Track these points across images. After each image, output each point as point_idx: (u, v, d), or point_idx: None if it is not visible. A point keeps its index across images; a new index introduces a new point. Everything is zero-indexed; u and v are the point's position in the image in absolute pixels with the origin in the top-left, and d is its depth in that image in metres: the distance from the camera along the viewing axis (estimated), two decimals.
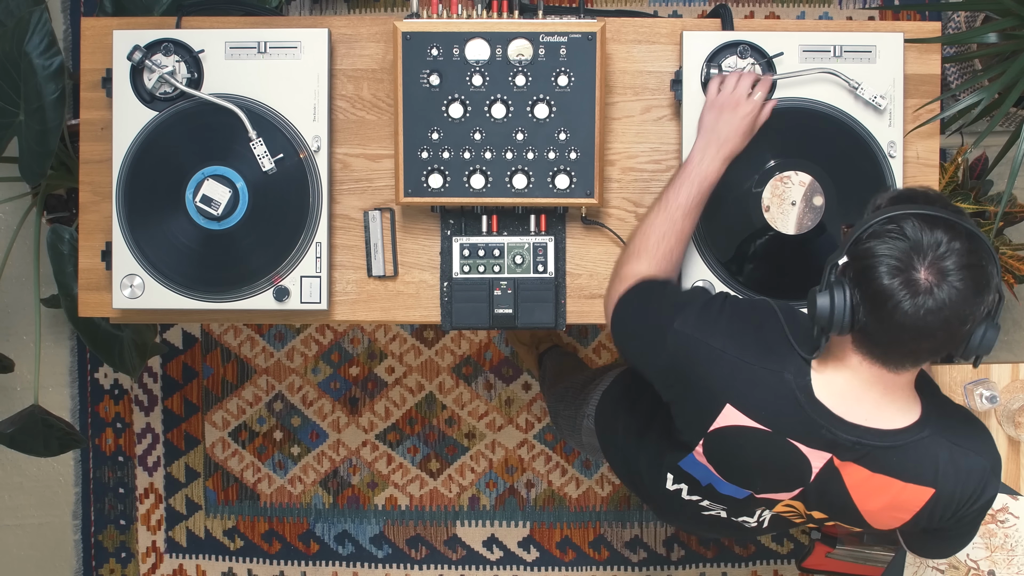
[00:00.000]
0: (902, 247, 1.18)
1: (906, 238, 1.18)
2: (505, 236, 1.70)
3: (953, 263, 1.16)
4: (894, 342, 1.22)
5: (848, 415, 1.29)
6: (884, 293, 1.17)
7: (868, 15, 2.59)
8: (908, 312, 1.16)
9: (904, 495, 1.33)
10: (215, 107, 1.66)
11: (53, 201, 2.43)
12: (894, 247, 1.18)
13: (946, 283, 1.16)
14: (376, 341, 2.66)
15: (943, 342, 1.20)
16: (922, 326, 1.17)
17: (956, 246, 1.17)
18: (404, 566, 2.68)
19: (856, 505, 1.36)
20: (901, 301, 1.16)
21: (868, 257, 1.20)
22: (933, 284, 1.16)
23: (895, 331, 1.19)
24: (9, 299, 2.65)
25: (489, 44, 1.62)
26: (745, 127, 1.57)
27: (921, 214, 1.19)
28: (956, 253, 1.17)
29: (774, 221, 1.63)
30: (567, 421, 2.00)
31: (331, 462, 2.68)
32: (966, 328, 1.20)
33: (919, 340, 1.20)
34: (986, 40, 2.09)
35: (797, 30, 1.68)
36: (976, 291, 1.18)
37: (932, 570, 1.75)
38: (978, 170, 2.21)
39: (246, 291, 1.69)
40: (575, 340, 2.63)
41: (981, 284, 1.18)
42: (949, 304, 1.16)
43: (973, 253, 1.18)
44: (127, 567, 2.72)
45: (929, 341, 1.20)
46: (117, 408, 2.69)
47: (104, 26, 1.73)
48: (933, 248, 1.17)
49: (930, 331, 1.18)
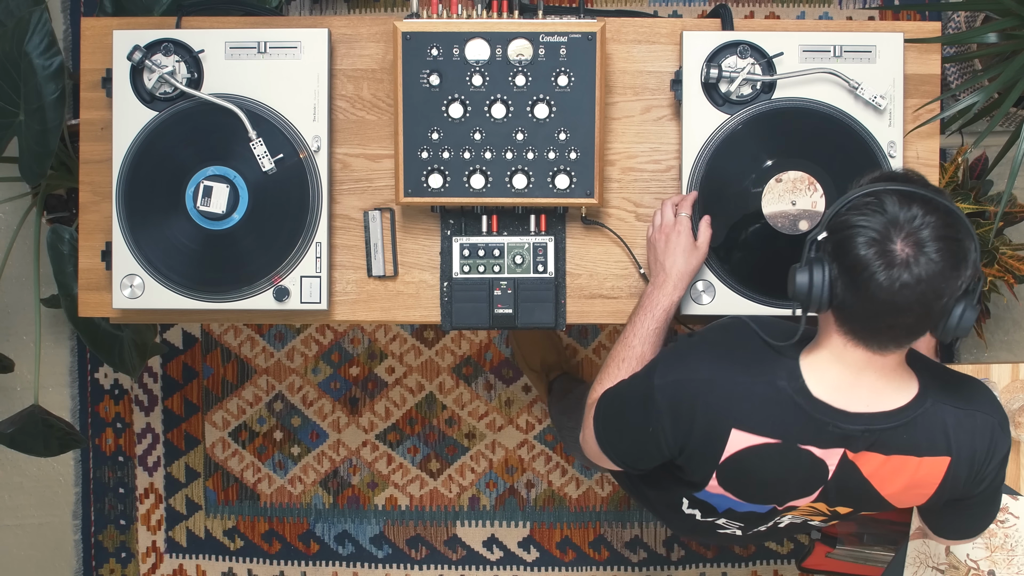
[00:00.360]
0: (880, 220, 1.18)
1: (884, 211, 1.19)
2: (505, 236, 1.70)
3: (928, 235, 1.17)
4: (872, 317, 1.21)
5: (849, 406, 1.29)
6: (860, 264, 1.18)
7: (868, 15, 2.59)
8: (883, 284, 1.17)
9: (922, 470, 1.33)
10: (215, 107, 1.66)
11: (53, 201, 2.43)
12: (872, 219, 1.19)
13: (922, 255, 1.16)
14: (376, 341, 2.66)
15: (920, 317, 1.20)
16: (899, 300, 1.17)
17: (932, 220, 1.18)
18: (404, 566, 2.68)
19: (878, 491, 1.36)
20: (876, 272, 1.17)
21: (846, 228, 1.20)
22: (909, 256, 1.16)
23: (872, 304, 1.19)
24: (9, 299, 2.65)
25: (489, 44, 1.62)
26: (682, 246, 1.58)
27: (900, 190, 1.20)
28: (932, 226, 1.17)
29: (774, 220, 1.62)
30: (570, 433, 2.00)
31: (331, 462, 2.68)
32: (942, 303, 1.20)
33: (896, 315, 1.20)
34: (986, 40, 2.09)
35: (797, 30, 1.68)
36: (952, 265, 1.18)
37: (932, 570, 1.75)
38: (978, 170, 2.21)
39: (246, 291, 1.69)
40: (575, 340, 2.63)
41: (958, 258, 1.18)
42: (925, 277, 1.16)
43: (950, 227, 1.18)
44: (127, 567, 2.72)
45: (906, 316, 1.20)
46: (117, 408, 2.69)
47: (104, 26, 1.73)
48: (909, 221, 1.17)
49: (907, 304, 1.18)
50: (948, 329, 1.23)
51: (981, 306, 1.37)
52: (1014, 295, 2.38)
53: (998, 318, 2.54)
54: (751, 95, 1.67)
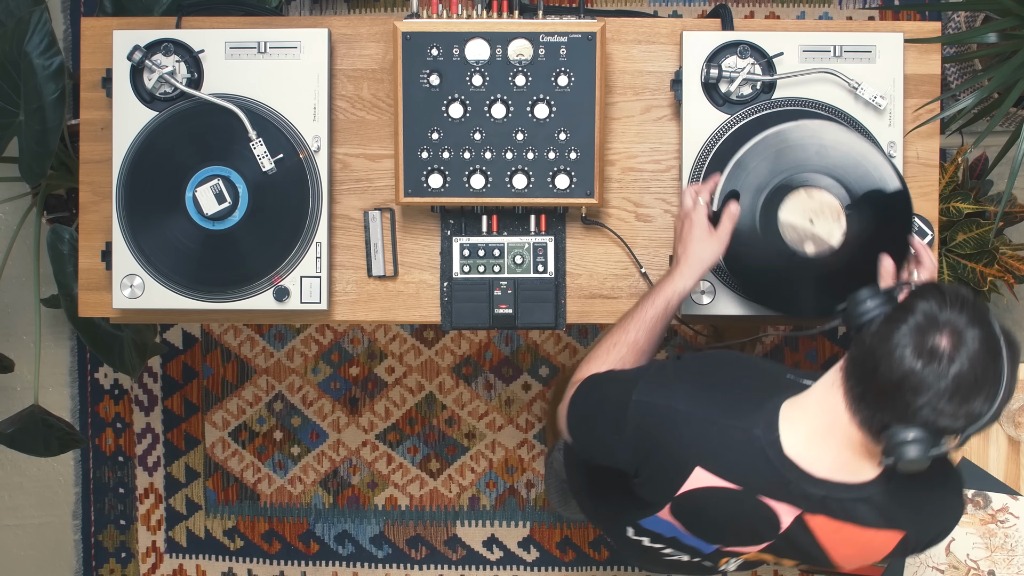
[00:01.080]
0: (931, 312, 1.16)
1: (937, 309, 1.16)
2: (505, 236, 1.70)
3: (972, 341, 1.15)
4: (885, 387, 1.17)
5: (815, 469, 1.27)
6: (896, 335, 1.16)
7: (868, 15, 2.59)
8: (918, 369, 1.13)
9: (875, 541, 1.32)
10: (215, 107, 1.66)
11: (53, 201, 2.43)
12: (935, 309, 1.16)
13: (963, 348, 1.14)
14: (376, 341, 2.66)
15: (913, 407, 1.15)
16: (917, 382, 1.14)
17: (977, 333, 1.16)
18: (404, 566, 2.68)
19: (827, 553, 1.34)
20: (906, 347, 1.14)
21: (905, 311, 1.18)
22: (947, 348, 1.13)
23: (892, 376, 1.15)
24: (9, 299, 2.65)
25: (489, 44, 1.62)
26: (695, 234, 1.52)
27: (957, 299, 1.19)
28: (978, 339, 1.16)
29: (784, 228, 1.58)
30: (556, 489, 2.01)
31: (331, 462, 2.68)
32: (923, 410, 1.14)
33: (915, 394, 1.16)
34: (986, 40, 2.09)
35: (797, 30, 1.68)
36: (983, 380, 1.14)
37: (932, 570, 1.75)
38: (978, 170, 2.21)
39: (246, 291, 1.69)
40: (575, 340, 2.63)
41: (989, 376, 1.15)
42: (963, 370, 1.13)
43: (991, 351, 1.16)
44: (127, 567, 2.72)
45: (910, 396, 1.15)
46: (117, 408, 2.69)
47: (104, 26, 1.73)
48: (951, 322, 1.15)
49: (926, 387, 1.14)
50: (890, 445, 1.18)
51: (946, 466, 1.32)
52: (1014, 295, 2.38)
53: (998, 318, 2.54)
54: (751, 95, 1.67)
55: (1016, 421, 1.74)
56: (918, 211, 1.70)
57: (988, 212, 2.10)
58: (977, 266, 2.08)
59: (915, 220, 1.69)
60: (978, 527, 1.75)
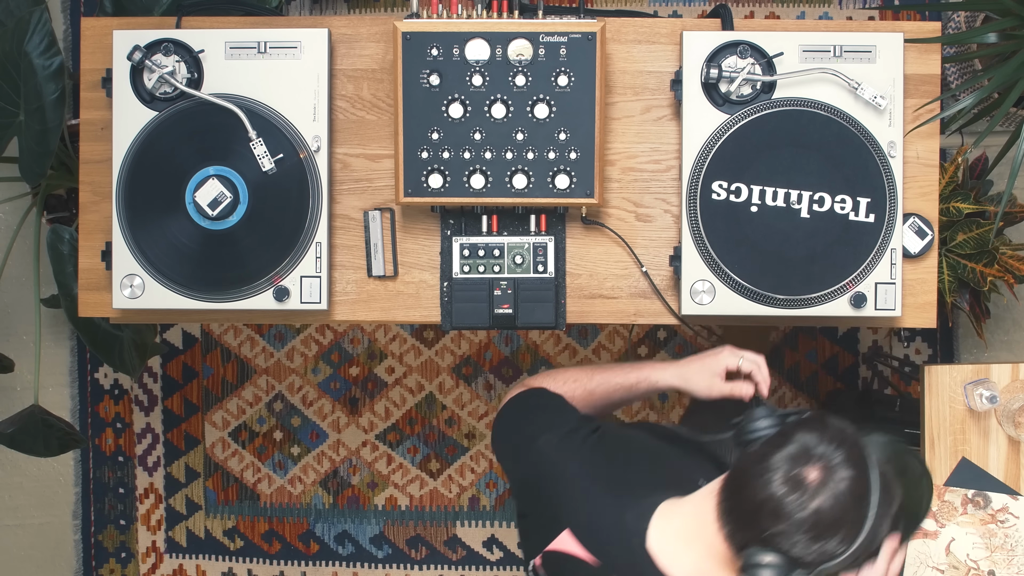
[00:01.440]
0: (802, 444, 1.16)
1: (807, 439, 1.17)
2: (505, 236, 1.70)
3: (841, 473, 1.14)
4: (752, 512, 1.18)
5: (673, 570, 1.27)
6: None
7: (868, 15, 2.59)
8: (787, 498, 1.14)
9: None
10: (215, 107, 1.66)
11: (53, 201, 2.43)
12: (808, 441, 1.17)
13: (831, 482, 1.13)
14: (376, 341, 2.66)
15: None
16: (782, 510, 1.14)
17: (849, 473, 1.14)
18: (404, 566, 2.68)
19: None
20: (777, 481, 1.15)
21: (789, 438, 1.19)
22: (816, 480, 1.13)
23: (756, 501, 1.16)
24: (9, 299, 2.65)
25: (489, 44, 1.62)
26: (710, 366, 1.51)
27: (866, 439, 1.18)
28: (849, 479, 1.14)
29: None
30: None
31: (331, 462, 2.68)
32: (785, 538, 1.13)
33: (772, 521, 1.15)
34: (986, 40, 2.09)
35: (797, 30, 1.68)
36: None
37: (932, 570, 1.75)
38: (978, 170, 2.20)
39: (246, 291, 1.69)
40: (575, 341, 2.63)
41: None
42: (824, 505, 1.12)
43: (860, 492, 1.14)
44: (127, 567, 2.72)
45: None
46: (117, 408, 2.69)
47: (104, 26, 1.73)
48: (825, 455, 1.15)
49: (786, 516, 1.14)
50: (746, 564, 1.17)
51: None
52: (1014, 295, 2.38)
53: (998, 318, 2.54)
54: (751, 95, 1.67)
55: (1016, 421, 1.74)
56: (918, 211, 1.70)
57: (988, 212, 2.10)
58: (977, 266, 2.08)
59: (915, 218, 1.69)
60: (978, 527, 1.75)
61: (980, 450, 1.78)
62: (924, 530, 1.69)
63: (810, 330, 2.61)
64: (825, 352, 2.61)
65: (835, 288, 1.66)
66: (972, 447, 1.78)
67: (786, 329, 2.61)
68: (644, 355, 2.61)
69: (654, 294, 1.73)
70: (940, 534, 1.75)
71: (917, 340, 2.62)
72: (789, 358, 2.61)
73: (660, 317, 1.74)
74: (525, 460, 1.41)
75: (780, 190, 1.65)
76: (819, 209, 1.65)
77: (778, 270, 1.66)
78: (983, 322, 2.20)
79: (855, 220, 1.65)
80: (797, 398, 2.61)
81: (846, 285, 1.66)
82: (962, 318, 2.54)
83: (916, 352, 2.62)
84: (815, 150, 1.65)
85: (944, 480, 1.77)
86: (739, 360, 1.50)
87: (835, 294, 1.66)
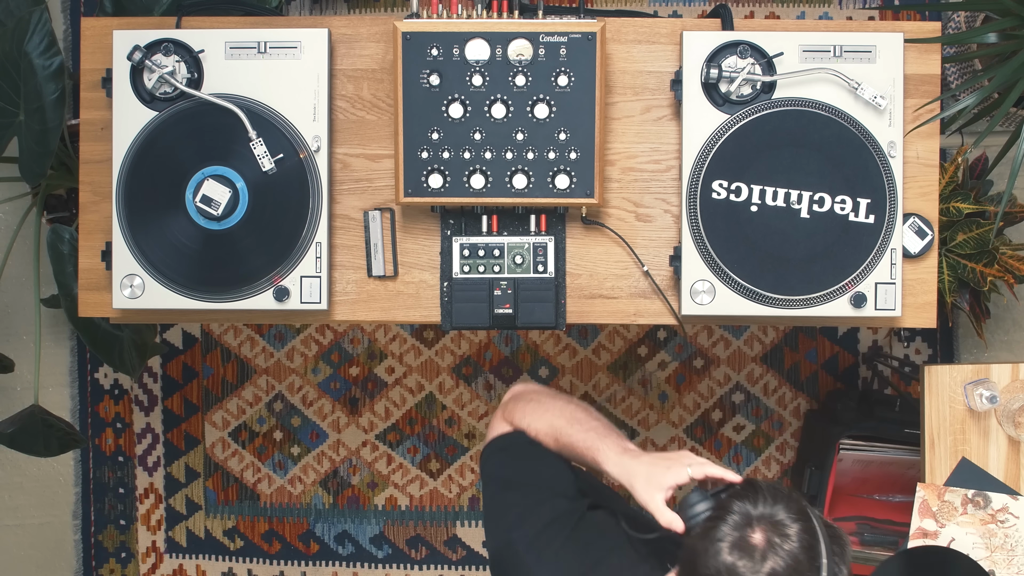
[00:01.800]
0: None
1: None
2: (505, 236, 1.70)
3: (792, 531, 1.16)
4: None
5: None
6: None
7: (868, 15, 2.59)
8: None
9: None
10: (215, 107, 1.66)
11: (53, 201, 2.43)
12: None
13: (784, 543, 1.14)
14: (376, 341, 2.66)
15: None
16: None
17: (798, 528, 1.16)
18: (404, 566, 2.68)
19: None
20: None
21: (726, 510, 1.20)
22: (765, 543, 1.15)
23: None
24: (9, 299, 2.65)
25: (489, 44, 1.62)
26: (658, 477, 1.40)
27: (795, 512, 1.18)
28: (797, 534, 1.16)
29: None
30: None
31: (331, 462, 2.68)
32: None
33: None
34: (986, 40, 2.09)
35: (797, 30, 1.68)
36: None
37: None
38: (978, 170, 2.20)
39: (246, 291, 1.69)
40: (575, 341, 2.63)
41: None
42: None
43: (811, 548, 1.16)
44: (127, 567, 2.72)
45: None
46: (117, 408, 2.69)
47: (104, 26, 1.73)
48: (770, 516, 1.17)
49: None
50: None
51: None
52: (1014, 295, 2.38)
53: (998, 318, 2.54)
54: (751, 95, 1.67)
55: (1016, 421, 1.74)
56: (918, 211, 1.70)
57: (988, 212, 2.10)
58: (977, 266, 2.08)
59: (915, 218, 1.69)
60: (978, 527, 1.75)
61: (980, 450, 1.78)
62: (925, 531, 1.69)
63: (810, 330, 2.61)
64: (825, 352, 2.61)
65: (835, 288, 1.66)
66: (972, 447, 1.78)
67: (786, 329, 2.61)
68: (644, 355, 2.61)
69: (654, 294, 1.73)
70: (940, 534, 1.75)
71: (917, 340, 2.62)
72: (789, 358, 2.61)
73: (660, 317, 1.74)
74: (497, 539, 1.41)
75: (780, 190, 1.65)
76: (819, 209, 1.65)
77: (778, 270, 1.66)
78: (983, 322, 2.20)
79: (855, 220, 1.65)
80: (797, 398, 2.61)
81: (846, 285, 1.66)
82: (962, 318, 2.54)
83: (916, 352, 2.62)
84: (815, 150, 1.65)
85: (944, 480, 1.77)
86: (688, 476, 1.36)
87: (835, 294, 1.66)
